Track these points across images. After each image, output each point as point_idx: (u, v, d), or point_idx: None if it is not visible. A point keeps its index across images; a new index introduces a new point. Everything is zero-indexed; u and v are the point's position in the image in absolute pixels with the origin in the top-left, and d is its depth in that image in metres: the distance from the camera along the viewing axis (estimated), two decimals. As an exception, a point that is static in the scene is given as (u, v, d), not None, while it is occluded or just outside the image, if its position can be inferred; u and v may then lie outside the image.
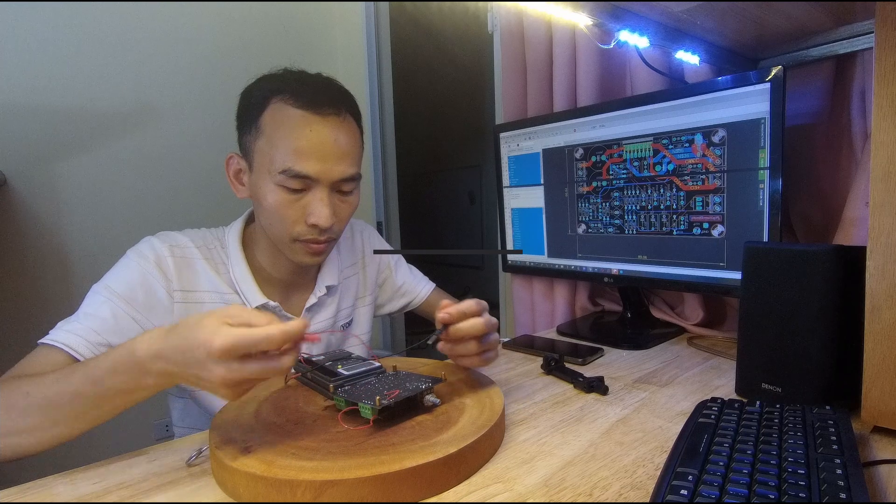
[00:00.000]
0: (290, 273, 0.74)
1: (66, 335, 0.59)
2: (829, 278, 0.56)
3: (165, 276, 0.66)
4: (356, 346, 0.85)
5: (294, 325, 0.44)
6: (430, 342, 0.58)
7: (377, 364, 0.62)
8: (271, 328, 0.43)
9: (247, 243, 0.74)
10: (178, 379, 0.46)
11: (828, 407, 0.51)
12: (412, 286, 0.95)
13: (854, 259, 0.54)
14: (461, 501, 0.44)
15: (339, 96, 0.67)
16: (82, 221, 1.33)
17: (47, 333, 0.60)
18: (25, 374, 0.55)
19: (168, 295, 0.66)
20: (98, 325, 0.61)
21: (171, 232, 0.71)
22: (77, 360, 0.58)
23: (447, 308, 0.57)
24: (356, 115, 0.69)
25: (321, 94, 0.65)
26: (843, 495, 0.36)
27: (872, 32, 0.75)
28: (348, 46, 1.84)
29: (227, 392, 0.44)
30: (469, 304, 0.58)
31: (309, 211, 0.65)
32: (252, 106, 0.66)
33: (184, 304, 0.67)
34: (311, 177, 0.64)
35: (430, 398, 0.55)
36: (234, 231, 0.74)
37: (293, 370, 0.64)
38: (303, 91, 0.64)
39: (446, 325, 0.57)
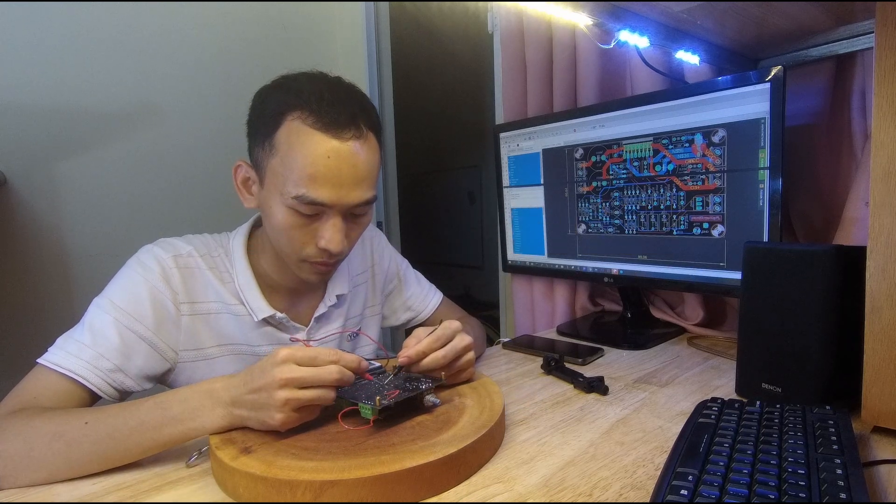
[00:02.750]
0: (297, 282, 0.71)
1: (72, 360, 0.57)
2: (829, 278, 0.56)
3: (172, 289, 0.64)
4: (365, 348, 0.85)
5: (350, 357, 0.53)
6: (386, 381, 0.59)
7: (378, 364, 0.62)
8: (328, 348, 0.53)
9: (252, 249, 0.72)
10: (243, 407, 0.50)
11: (828, 407, 0.51)
12: (419, 301, 0.92)
13: (854, 259, 0.54)
14: (461, 501, 0.44)
15: (360, 111, 0.62)
16: (82, 221, 1.33)
17: (46, 350, 0.58)
18: (35, 401, 0.55)
19: (175, 308, 0.64)
20: (106, 348, 0.59)
21: (171, 239, 0.69)
22: (89, 391, 0.57)
23: (407, 350, 0.59)
24: (377, 129, 0.65)
25: (341, 113, 0.60)
26: (843, 495, 0.36)
27: (872, 32, 0.75)
28: (348, 46, 1.84)
29: (283, 403, 0.48)
30: (429, 341, 0.59)
31: (320, 234, 0.63)
32: (266, 118, 0.62)
33: (190, 316, 0.65)
34: (325, 204, 0.60)
35: (430, 398, 0.55)
36: (238, 238, 0.71)
37: None
38: (321, 108, 0.59)
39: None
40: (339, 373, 0.50)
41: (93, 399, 0.59)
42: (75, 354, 0.57)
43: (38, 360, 0.57)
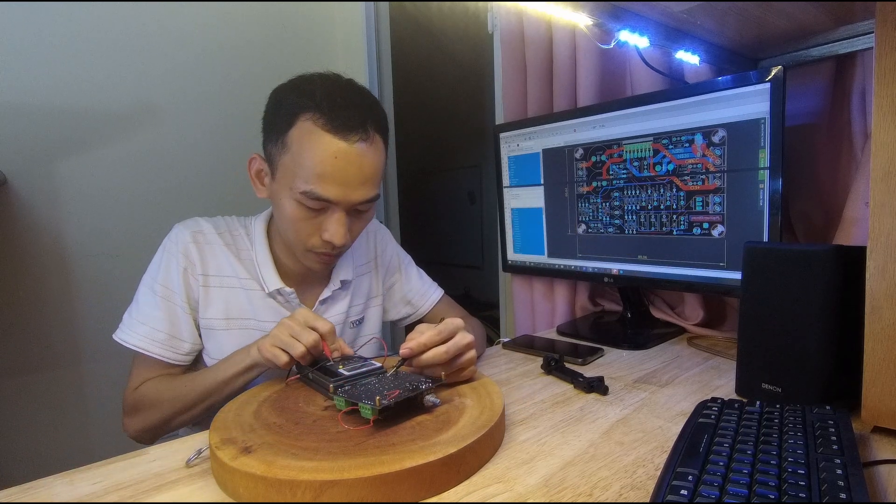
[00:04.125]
0: (304, 268, 0.76)
1: (142, 340, 0.70)
2: (829, 278, 0.56)
3: (191, 262, 0.73)
4: (369, 346, 0.85)
5: (332, 337, 0.62)
6: (389, 375, 0.59)
7: (378, 364, 0.62)
8: (328, 322, 0.62)
9: (269, 234, 0.78)
10: (261, 340, 0.63)
11: (828, 407, 0.51)
12: (418, 296, 0.93)
13: (854, 259, 0.54)
14: (461, 501, 0.44)
15: (369, 114, 0.67)
16: (82, 221, 1.33)
17: (118, 328, 0.72)
18: (141, 376, 0.71)
19: (195, 278, 0.73)
20: (157, 323, 0.71)
21: (198, 218, 0.77)
22: (154, 358, 0.70)
23: (409, 343, 0.60)
24: (384, 131, 0.70)
25: (351, 116, 0.64)
26: (843, 495, 0.36)
27: (872, 32, 0.75)
28: (348, 46, 1.84)
29: (276, 332, 0.60)
30: (430, 335, 0.60)
31: (325, 228, 0.68)
32: (281, 117, 0.67)
33: (205, 287, 0.73)
34: (331, 200, 0.66)
35: (430, 398, 0.55)
36: (260, 220, 0.79)
37: (294, 370, 0.64)
38: (333, 111, 0.64)
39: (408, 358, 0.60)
40: (315, 342, 0.60)
41: (166, 365, 0.72)
42: (141, 334, 0.70)
43: (113, 336, 0.71)
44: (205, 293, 0.73)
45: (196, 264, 0.73)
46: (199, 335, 0.74)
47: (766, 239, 0.76)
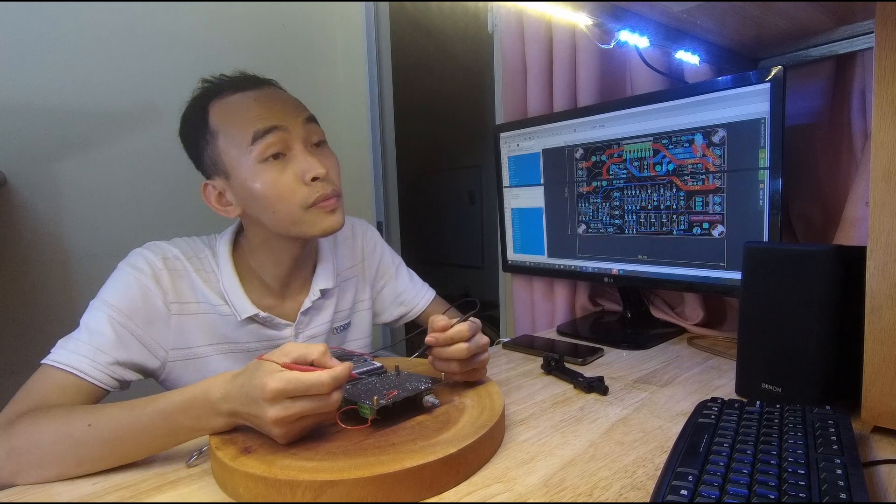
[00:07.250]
0: (285, 276, 0.74)
1: (72, 357, 0.59)
2: (829, 278, 0.56)
3: (162, 289, 0.66)
4: (357, 341, 0.85)
5: (341, 369, 0.47)
6: (391, 375, 0.60)
7: (378, 364, 0.62)
8: (322, 374, 0.46)
9: (241, 251, 0.74)
10: (241, 418, 0.49)
11: (828, 407, 0.51)
12: (411, 296, 0.92)
13: (854, 259, 0.54)
14: (461, 501, 0.44)
15: (268, 79, 0.72)
16: (82, 221, 1.33)
17: (49, 352, 0.60)
18: (43, 400, 0.55)
19: (165, 307, 0.66)
20: (102, 342, 0.60)
21: (160, 243, 0.71)
22: (87, 383, 0.58)
23: (434, 332, 0.59)
24: None
25: (255, 79, 0.70)
26: (843, 495, 0.36)
27: (872, 32, 0.75)
28: (348, 46, 1.84)
29: (280, 432, 0.47)
30: (459, 328, 0.59)
31: (299, 170, 0.66)
32: (196, 121, 0.68)
33: (179, 315, 0.67)
34: (279, 127, 0.65)
35: (430, 399, 0.55)
36: (224, 239, 0.74)
37: None
38: (237, 82, 0.68)
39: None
40: (338, 400, 0.48)
41: (97, 392, 0.60)
42: (74, 351, 0.59)
43: (42, 361, 0.59)
44: (180, 322, 0.67)
45: (169, 292, 0.67)
46: (148, 370, 0.66)
47: (766, 239, 0.76)
